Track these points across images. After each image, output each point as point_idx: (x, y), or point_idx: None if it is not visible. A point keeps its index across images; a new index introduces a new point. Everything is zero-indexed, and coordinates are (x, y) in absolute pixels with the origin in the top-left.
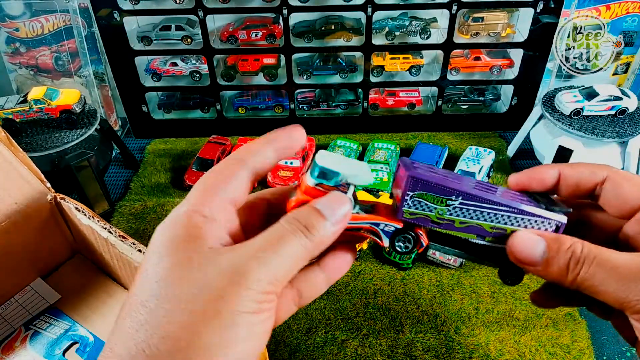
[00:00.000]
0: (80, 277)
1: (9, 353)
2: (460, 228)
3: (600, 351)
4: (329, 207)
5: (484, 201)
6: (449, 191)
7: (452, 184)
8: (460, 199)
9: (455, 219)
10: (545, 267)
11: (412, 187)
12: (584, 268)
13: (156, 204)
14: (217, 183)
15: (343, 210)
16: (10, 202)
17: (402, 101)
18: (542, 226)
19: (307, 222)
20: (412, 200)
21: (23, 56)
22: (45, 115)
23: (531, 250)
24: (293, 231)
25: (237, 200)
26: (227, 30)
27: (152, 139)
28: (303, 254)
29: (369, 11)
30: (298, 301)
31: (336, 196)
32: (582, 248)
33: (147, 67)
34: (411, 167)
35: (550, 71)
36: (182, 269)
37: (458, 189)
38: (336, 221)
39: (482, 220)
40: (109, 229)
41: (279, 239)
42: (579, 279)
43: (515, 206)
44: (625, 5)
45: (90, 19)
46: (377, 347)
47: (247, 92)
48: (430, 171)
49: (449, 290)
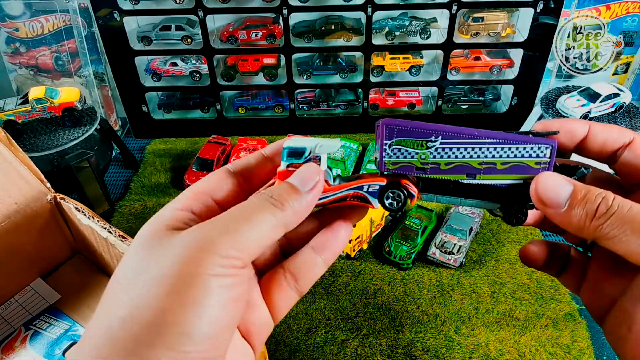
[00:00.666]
0: (80, 277)
1: (9, 353)
2: (447, 170)
3: (600, 351)
4: (299, 178)
5: (466, 136)
6: (427, 132)
7: (430, 125)
8: (441, 139)
9: (440, 161)
10: (569, 211)
11: (389, 135)
12: (613, 217)
13: (156, 203)
14: (200, 185)
15: (314, 178)
16: (10, 202)
17: (402, 101)
18: (533, 152)
19: (275, 194)
20: (392, 149)
21: (23, 56)
22: (47, 114)
23: (556, 192)
24: (262, 204)
25: (213, 193)
26: (227, 30)
27: (152, 139)
28: (274, 223)
29: (369, 11)
30: (296, 286)
31: (305, 167)
32: (614, 197)
33: (147, 67)
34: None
35: (550, 71)
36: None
37: (436, 128)
38: (308, 189)
39: (468, 157)
40: (108, 229)
41: (246, 209)
42: (605, 227)
43: (500, 136)
44: (625, 5)
45: (90, 19)
46: (377, 347)
47: (247, 92)
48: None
49: (449, 290)
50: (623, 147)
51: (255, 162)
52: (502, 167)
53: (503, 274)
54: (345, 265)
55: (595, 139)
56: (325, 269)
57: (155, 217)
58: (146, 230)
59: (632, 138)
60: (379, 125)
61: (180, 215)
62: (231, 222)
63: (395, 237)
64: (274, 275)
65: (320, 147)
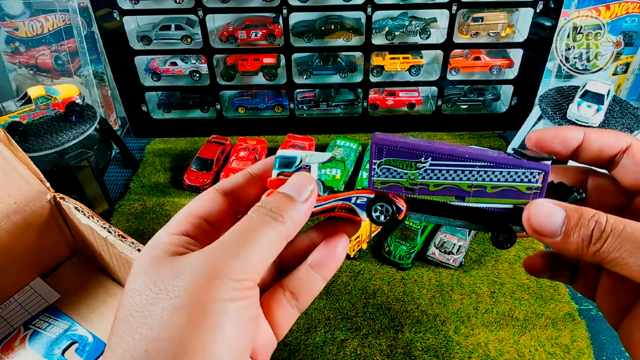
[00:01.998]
0: (79, 276)
1: (8, 352)
2: (436, 191)
3: (600, 351)
4: (293, 187)
5: (456, 158)
6: (417, 153)
7: (420, 145)
8: (430, 160)
9: (429, 182)
10: (565, 239)
11: (378, 155)
12: (609, 240)
13: (156, 203)
14: (191, 206)
15: (308, 187)
16: (10, 202)
17: (401, 101)
18: (524, 177)
19: (274, 207)
20: (380, 168)
21: (23, 56)
22: (52, 111)
23: (550, 220)
24: (262, 218)
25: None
26: (226, 30)
27: (152, 139)
28: (276, 237)
29: (369, 11)
30: (296, 304)
31: (298, 176)
32: (607, 218)
33: (146, 67)
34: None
35: (550, 71)
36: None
37: (426, 149)
38: (304, 199)
39: (458, 179)
40: (108, 229)
41: (248, 229)
42: (603, 250)
43: (491, 160)
44: (625, 5)
45: (90, 18)
46: (376, 347)
47: (246, 91)
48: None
49: (449, 290)
50: (620, 152)
51: (244, 181)
52: (492, 191)
53: (502, 274)
54: (344, 265)
55: (590, 146)
56: (324, 284)
57: (152, 243)
58: (146, 257)
59: (629, 143)
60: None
61: (176, 239)
62: (236, 243)
63: (394, 237)
64: (273, 294)
65: (310, 156)
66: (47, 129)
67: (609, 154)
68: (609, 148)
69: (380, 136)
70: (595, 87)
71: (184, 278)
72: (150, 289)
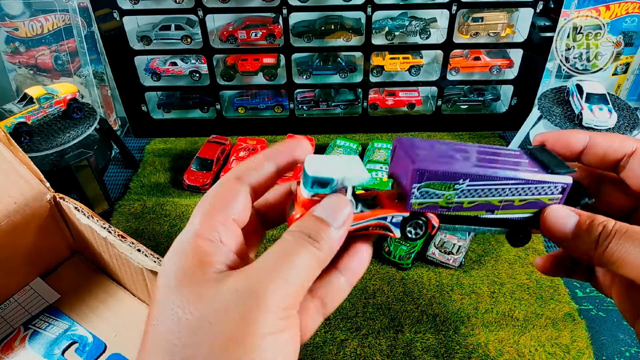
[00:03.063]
0: (79, 276)
1: (8, 352)
2: (469, 208)
3: (600, 351)
4: (330, 212)
5: (491, 179)
6: (456, 176)
7: (458, 166)
8: (468, 181)
9: (464, 200)
10: (575, 241)
11: (419, 179)
12: (614, 241)
13: (155, 203)
14: (218, 204)
15: (344, 212)
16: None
17: (401, 101)
18: (548, 191)
19: (311, 232)
20: (420, 191)
21: (22, 55)
22: (55, 109)
23: (563, 224)
24: (300, 244)
25: (240, 219)
26: (226, 30)
27: (152, 139)
28: (314, 264)
29: (369, 11)
30: (322, 310)
31: (335, 199)
32: (614, 223)
33: (146, 67)
34: (413, 153)
35: (550, 71)
36: (197, 300)
37: (465, 172)
38: (340, 225)
39: (491, 196)
40: (108, 229)
41: (287, 254)
42: (607, 251)
43: (522, 177)
44: (625, 5)
45: (90, 18)
46: (376, 347)
47: (246, 91)
48: (433, 154)
49: (449, 290)
50: (626, 156)
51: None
52: (519, 204)
53: (502, 274)
54: None
55: (595, 150)
56: (349, 291)
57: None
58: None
59: (635, 147)
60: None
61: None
62: (275, 269)
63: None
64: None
65: (349, 179)
66: (52, 127)
67: (614, 157)
68: (614, 152)
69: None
70: (593, 88)
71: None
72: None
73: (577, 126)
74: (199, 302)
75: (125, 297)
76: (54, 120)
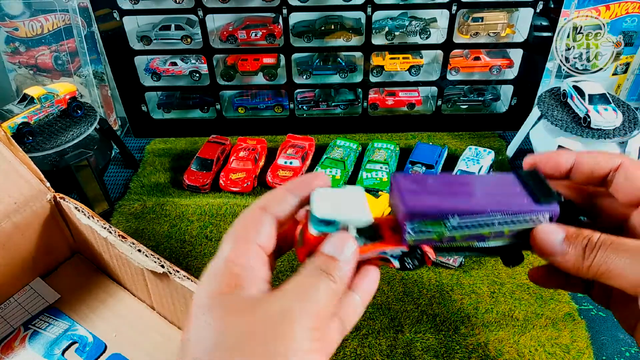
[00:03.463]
0: (79, 276)
1: (8, 352)
2: (461, 239)
3: (600, 351)
4: (337, 250)
5: (480, 214)
6: (445, 214)
7: (447, 204)
8: (458, 218)
9: (456, 234)
10: (564, 256)
11: (410, 219)
12: (599, 253)
13: (156, 203)
14: (247, 232)
15: (349, 249)
16: (10, 202)
17: (401, 101)
18: (537, 219)
19: (325, 268)
20: (413, 229)
21: (22, 55)
22: (56, 108)
23: (552, 241)
24: (317, 276)
25: (266, 246)
26: (226, 30)
27: (152, 139)
28: (333, 292)
29: (369, 11)
30: (341, 329)
31: (340, 238)
32: (600, 236)
33: (146, 67)
34: (405, 193)
35: (550, 71)
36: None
37: (453, 209)
38: (347, 260)
39: (481, 229)
40: (108, 229)
41: (310, 283)
42: (594, 264)
43: (512, 209)
44: (625, 5)
45: (90, 18)
46: (376, 347)
47: (246, 91)
48: (424, 192)
49: (449, 290)
50: (612, 171)
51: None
52: (509, 233)
53: (502, 274)
54: None
55: (582, 168)
56: (364, 309)
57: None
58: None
59: (619, 162)
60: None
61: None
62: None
63: None
64: None
65: (352, 222)
66: (53, 126)
67: (600, 173)
68: (600, 168)
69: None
70: (593, 88)
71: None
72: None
73: (585, 129)
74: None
75: (125, 297)
76: (55, 120)
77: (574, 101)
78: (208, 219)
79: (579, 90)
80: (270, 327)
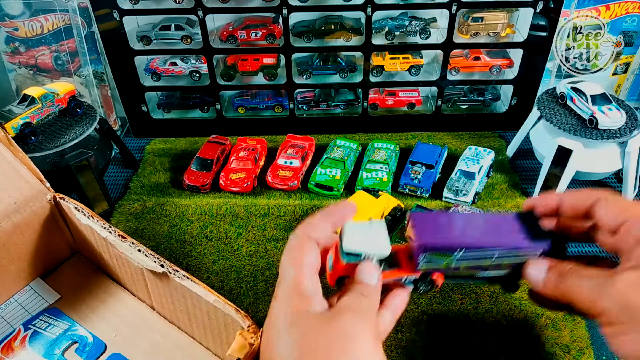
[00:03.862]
0: (79, 276)
1: (8, 352)
2: (465, 269)
3: (600, 351)
4: (366, 277)
5: (482, 248)
6: (452, 248)
7: (454, 240)
8: (463, 251)
9: (461, 265)
10: (545, 286)
11: (423, 251)
12: (569, 278)
13: (155, 203)
14: (303, 258)
15: (375, 276)
16: (10, 202)
17: (401, 101)
18: (529, 254)
19: (362, 291)
20: (424, 260)
21: (22, 56)
22: (56, 107)
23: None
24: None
25: (316, 267)
26: (226, 30)
27: (152, 139)
28: (371, 307)
29: (369, 11)
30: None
31: (367, 268)
32: (570, 266)
33: (146, 67)
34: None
35: (550, 71)
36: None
37: (460, 244)
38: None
39: (482, 261)
40: (108, 229)
41: (358, 303)
42: (561, 288)
43: (509, 245)
44: (625, 5)
45: (90, 18)
46: None
47: (246, 91)
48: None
49: (448, 290)
50: (592, 205)
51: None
52: (506, 264)
53: None
54: None
55: (566, 205)
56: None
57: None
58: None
59: (598, 197)
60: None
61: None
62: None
63: (395, 237)
64: None
65: (374, 255)
66: (53, 126)
67: (582, 208)
68: (583, 202)
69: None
70: (593, 88)
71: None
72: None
73: (593, 131)
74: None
75: (125, 297)
76: (55, 120)
77: (575, 103)
78: (208, 219)
79: (579, 91)
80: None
